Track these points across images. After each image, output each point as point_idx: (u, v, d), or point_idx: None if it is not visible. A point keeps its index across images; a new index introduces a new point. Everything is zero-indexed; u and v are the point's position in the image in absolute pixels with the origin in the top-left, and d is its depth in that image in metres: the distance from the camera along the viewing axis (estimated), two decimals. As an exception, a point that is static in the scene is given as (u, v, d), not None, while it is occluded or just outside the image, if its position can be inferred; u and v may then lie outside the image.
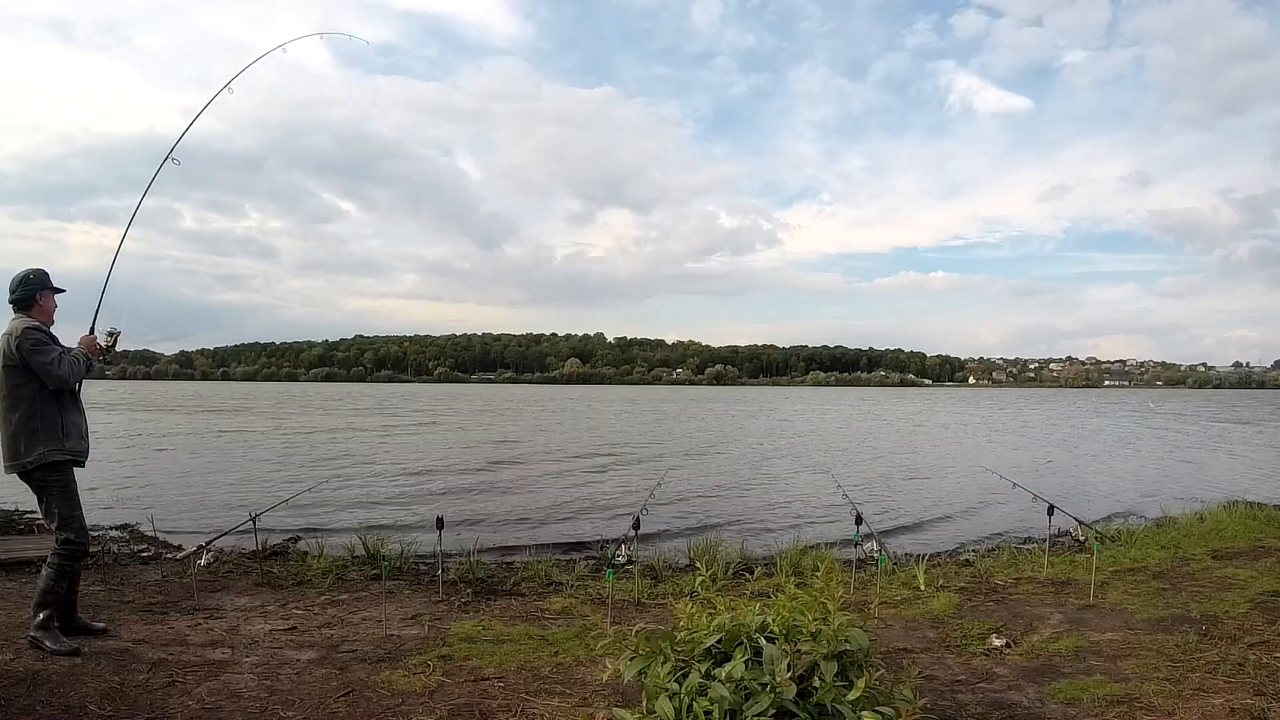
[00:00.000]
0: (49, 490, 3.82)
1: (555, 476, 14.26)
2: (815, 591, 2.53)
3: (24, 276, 3.90)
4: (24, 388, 3.77)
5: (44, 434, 3.78)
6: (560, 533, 8.93)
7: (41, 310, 3.92)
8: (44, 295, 3.94)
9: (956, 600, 5.08)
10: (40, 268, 3.97)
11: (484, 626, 4.47)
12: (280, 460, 16.63)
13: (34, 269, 3.95)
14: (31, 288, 3.89)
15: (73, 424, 3.90)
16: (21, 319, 3.84)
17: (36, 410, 3.79)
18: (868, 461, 17.81)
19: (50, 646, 3.68)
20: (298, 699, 3.28)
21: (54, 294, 4.00)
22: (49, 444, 3.78)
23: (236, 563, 6.05)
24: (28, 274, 3.91)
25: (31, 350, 3.73)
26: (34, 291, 3.89)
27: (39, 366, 3.74)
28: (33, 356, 3.73)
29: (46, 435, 3.79)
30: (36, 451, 3.76)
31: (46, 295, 3.95)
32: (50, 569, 3.81)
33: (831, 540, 7.96)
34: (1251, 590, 5.04)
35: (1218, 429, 30.62)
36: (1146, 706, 3.16)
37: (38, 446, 3.77)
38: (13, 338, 3.74)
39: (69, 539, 3.82)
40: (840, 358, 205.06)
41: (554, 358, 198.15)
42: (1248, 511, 8.22)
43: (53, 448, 3.79)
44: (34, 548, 6.15)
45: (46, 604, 3.77)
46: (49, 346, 3.81)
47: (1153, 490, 12.62)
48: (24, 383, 3.77)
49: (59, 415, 3.84)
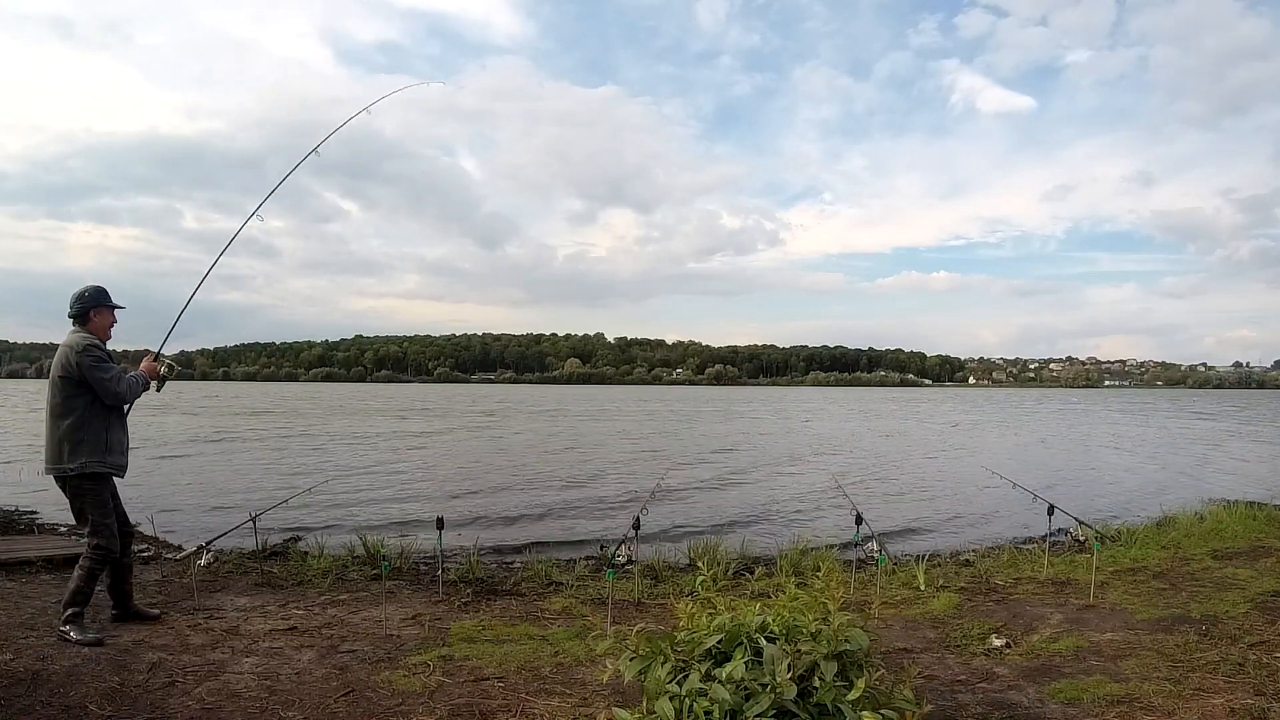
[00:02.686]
0: (85, 497, 3.96)
1: (555, 476, 14.26)
2: (815, 591, 2.53)
3: (81, 293, 4.04)
4: (77, 399, 3.92)
5: (88, 445, 3.92)
6: (560, 533, 8.93)
7: (98, 326, 4.06)
8: (100, 312, 4.07)
9: (956, 600, 5.08)
10: (99, 285, 4.10)
11: (484, 626, 4.47)
12: (280, 460, 16.63)
13: (93, 286, 4.09)
14: (88, 304, 4.03)
15: (116, 440, 4.06)
16: (81, 333, 3.99)
17: (85, 421, 3.92)
18: (868, 461, 17.80)
19: (75, 637, 3.81)
20: (298, 699, 3.28)
21: (111, 310, 4.14)
22: (92, 455, 3.93)
23: (236, 563, 6.06)
24: (85, 291, 4.05)
25: (91, 366, 3.88)
26: (90, 308, 4.04)
27: (97, 382, 3.89)
28: (92, 373, 3.88)
29: (91, 447, 3.92)
30: (79, 460, 3.90)
31: (103, 312, 4.09)
32: (82, 570, 3.97)
33: (832, 540, 7.96)
34: (1251, 590, 5.04)
35: (1219, 428, 30.62)
36: (1146, 706, 3.16)
37: (80, 456, 3.90)
38: (74, 351, 3.89)
39: (99, 544, 3.98)
40: (840, 358, 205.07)
41: (554, 358, 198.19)
42: (1248, 511, 8.23)
43: (95, 459, 3.94)
44: (34, 548, 6.16)
45: (75, 603, 3.91)
46: (108, 364, 3.97)
47: (1153, 490, 12.61)
48: (77, 395, 3.92)
49: (105, 430, 4.00)
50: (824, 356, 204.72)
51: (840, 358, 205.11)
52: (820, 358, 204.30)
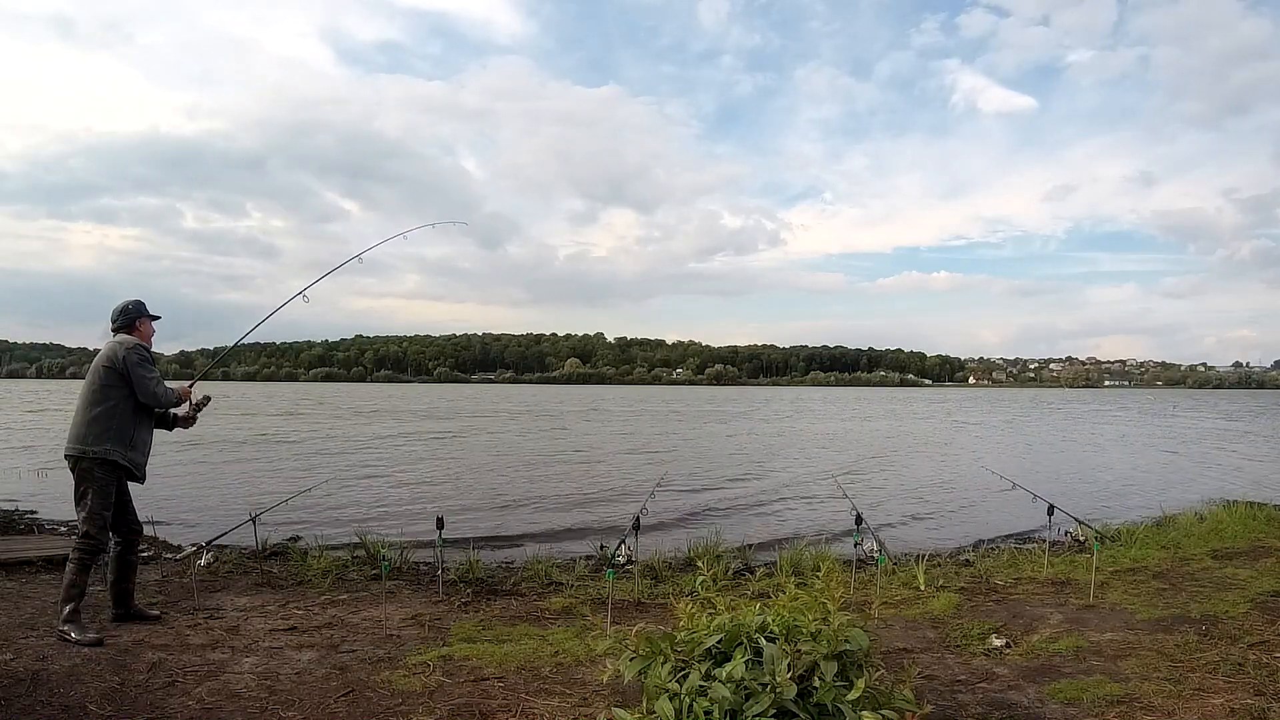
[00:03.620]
0: (91, 482, 4.05)
1: (555, 477, 14.26)
2: (815, 591, 2.53)
3: (124, 307, 4.32)
4: (114, 390, 4.12)
5: (115, 434, 4.09)
6: (560, 532, 8.93)
7: (141, 335, 4.33)
8: (142, 321, 4.37)
9: (956, 600, 5.08)
10: (139, 299, 4.39)
11: (484, 626, 4.47)
12: (280, 461, 16.63)
13: (133, 300, 4.37)
14: (131, 315, 4.32)
15: (141, 440, 4.24)
16: (128, 337, 4.23)
17: (117, 412, 4.11)
18: (867, 461, 17.80)
19: (74, 637, 3.85)
20: (298, 699, 3.28)
21: (151, 320, 4.43)
22: (115, 444, 4.07)
23: (236, 563, 6.06)
24: (127, 304, 4.34)
25: (136, 364, 4.12)
26: (134, 319, 4.33)
27: (138, 379, 4.11)
28: (135, 370, 4.11)
29: (117, 437, 4.09)
30: (103, 446, 4.04)
31: (145, 321, 4.39)
32: (72, 564, 4.02)
33: (832, 540, 7.96)
34: (1251, 590, 5.04)
35: (1219, 428, 30.63)
36: (1146, 706, 3.16)
37: (105, 442, 4.05)
38: (123, 347, 4.15)
39: (88, 533, 4.03)
40: (840, 358, 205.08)
41: (554, 358, 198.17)
42: (1248, 511, 8.22)
43: (118, 449, 4.09)
44: (34, 548, 6.16)
45: (70, 598, 3.95)
46: (151, 366, 4.23)
47: (1153, 490, 12.61)
48: (116, 386, 4.12)
49: (134, 426, 4.18)
50: (824, 356, 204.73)
51: (840, 358, 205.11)
52: (820, 358, 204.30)
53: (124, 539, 4.25)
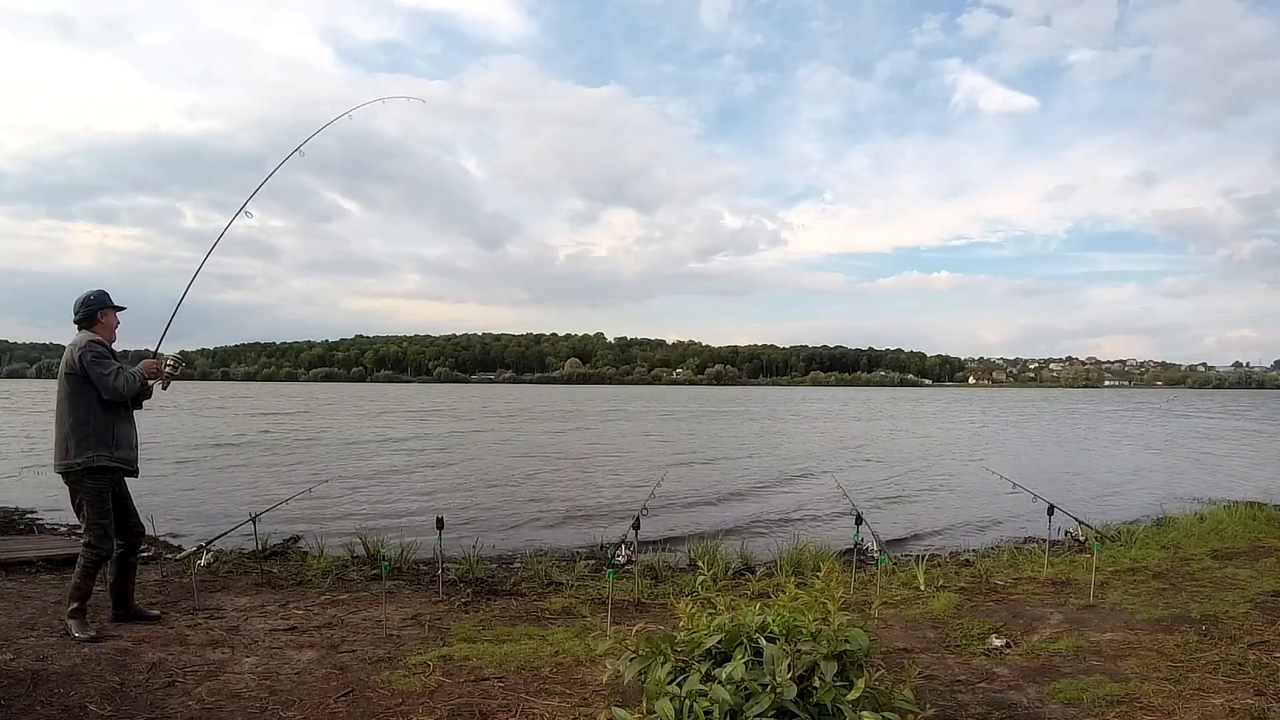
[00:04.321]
0: (84, 493, 4.06)
1: (556, 476, 14.26)
2: (815, 591, 2.53)
3: (85, 298, 4.19)
4: (82, 394, 4.04)
5: (94, 440, 4.04)
6: (560, 533, 8.93)
7: (104, 327, 4.22)
8: (105, 313, 4.24)
9: (956, 600, 5.08)
10: (101, 289, 4.26)
11: (484, 626, 4.47)
12: (279, 461, 16.63)
13: (95, 290, 4.24)
14: (93, 307, 4.19)
15: (124, 435, 4.18)
16: (85, 334, 4.14)
17: (91, 417, 4.04)
18: (867, 462, 17.80)
19: (75, 635, 3.93)
20: (298, 699, 3.28)
21: (115, 311, 4.30)
22: (98, 449, 4.05)
23: (236, 563, 6.06)
24: (89, 295, 4.20)
25: (92, 362, 4.02)
26: (95, 310, 4.20)
27: (97, 378, 4.02)
28: (92, 368, 4.01)
29: (97, 441, 4.04)
30: (85, 455, 4.01)
31: (108, 313, 4.26)
32: (78, 568, 4.07)
33: (832, 540, 7.96)
34: (1251, 590, 5.04)
35: (1219, 428, 30.62)
36: (1146, 706, 3.16)
37: (87, 450, 4.01)
38: (76, 348, 4.05)
39: (90, 543, 4.06)
40: (840, 358, 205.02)
41: (554, 358, 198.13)
42: (1248, 511, 8.23)
43: (101, 453, 4.05)
44: (34, 548, 6.16)
45: (75, 597, 4.01)
46: (108, 360, 4.10)
47: (1153, 490, 12.62)
48: (82, 390, 4.04)
49: (112, 425, 4.11)
50: (824, 356, 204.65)
51: (840, 358, 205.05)
52: (820, 358, 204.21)
53: (126, 542, 4.25)
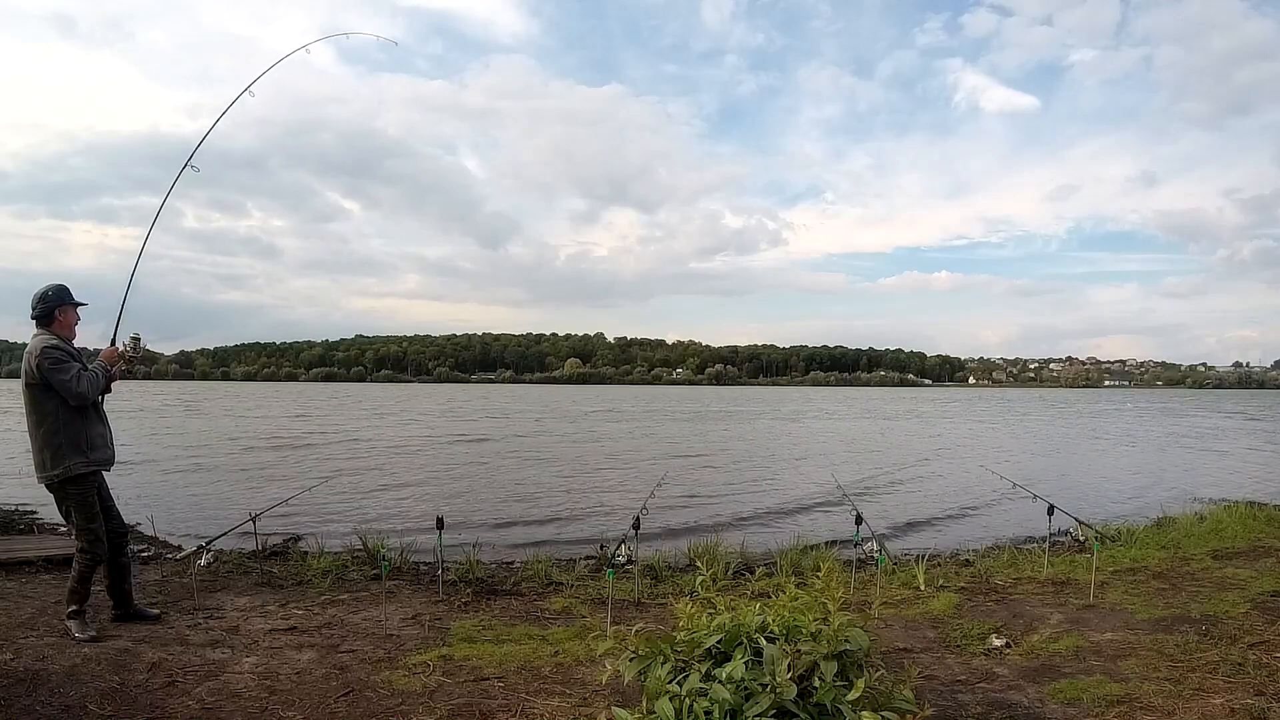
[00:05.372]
0: (69, 501, 4.02)
1: (556, 477, 14.25)
2: (815, 591, 2.52)
3: (43, 293, 3.97)
4: (47, 403, 3.93)
5: (69, 447, 3.93)
6: (560, 533, 8.93)
7: (62, 325, 4.02)
8: (63, 310, 4.02)
9: (956, 600, 5.08)
10: (60, 283, 4.04)
11: (484, 626, 4.47)
12: (279, 461, 16.62)
13: (54, 285, 4.02)
14: (50, 304, 3.98)
15: (97, 435, 4.07)
16: (42, 335, 3.95)
17: (61, 425, 3.92)
18: (868, 462, 17.80)
19: (75, 635, 3.93)
20: (298, 699, 3.28)
21: (75, 308, 4.08)
22: (74, 457, 3.96)
23: (236, 563, 6.05)
24: (47, 290, 3.98)
25: (51, 369, 3.84)
26: (53, 307, 3.99)
27: (59, 385, 3.86)
28: (52, 375, 3.84)
29: (71, 448, 3.94)
30: (62, 465, 3.93)
31: (66, 310, 4.03)
32: (74, 572, 4.06)
33: (832, 540, 7.96)
34: (1251, 590, 5.04)
35: (1219, 428, 30.62)
36: (1146, 706, 3.16)
37: (63, 460, 3.93)
38: (33, 356, 3.85)
39: (83, 549, 4.03)
40: (840, 358, 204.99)
41: (554, 358, 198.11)
42: (1248, 511, 8.23)
43: (77, 460, 3.96)
44: (34, 548, 6.16)
45: (73, 600, 4.02)
46: (68, 364, 3.90)
47: (1153, 490, 12.61)
48: (46, 399, 3.91)
49: (83, 429, 4.00)
50: (824, 356, 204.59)
51: (840, 358, 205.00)
52: (820, 358, 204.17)
53: (111, 543, 4.17)
